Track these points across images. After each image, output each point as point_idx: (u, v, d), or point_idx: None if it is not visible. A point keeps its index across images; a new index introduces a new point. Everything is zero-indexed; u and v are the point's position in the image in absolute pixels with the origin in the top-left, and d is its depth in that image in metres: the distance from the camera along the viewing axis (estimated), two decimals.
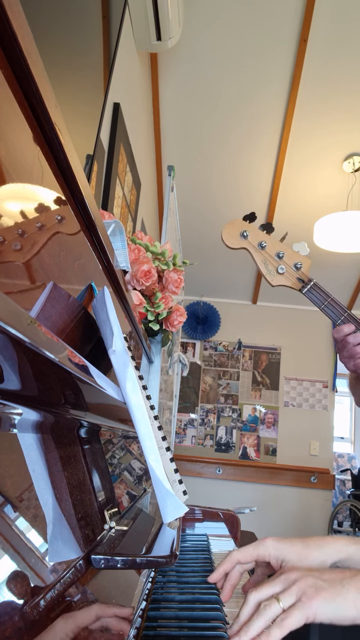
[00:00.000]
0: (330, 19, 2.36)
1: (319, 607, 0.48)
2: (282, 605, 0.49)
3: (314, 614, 0.48)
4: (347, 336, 1.08)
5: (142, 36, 2.10)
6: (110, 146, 1.84)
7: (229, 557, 0.62)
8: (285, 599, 0.49)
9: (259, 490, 4.18)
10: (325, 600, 0.48)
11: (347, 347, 1.09)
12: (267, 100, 2.77)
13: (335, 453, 4.88)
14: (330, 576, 0.51)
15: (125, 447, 0.79)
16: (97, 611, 0.38)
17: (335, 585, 0.50)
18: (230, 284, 4.42)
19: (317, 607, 0.48)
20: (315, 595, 0.48)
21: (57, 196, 0.44)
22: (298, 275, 1.13)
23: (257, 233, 1.14)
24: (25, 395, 0.35)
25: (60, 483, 0.39)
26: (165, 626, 0.58)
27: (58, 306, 0.45)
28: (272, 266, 1.13)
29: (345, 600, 0.48)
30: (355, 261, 3.86)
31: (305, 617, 0.47)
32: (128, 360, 0.54)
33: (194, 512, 1.24)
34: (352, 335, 1.08)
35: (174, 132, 3.00)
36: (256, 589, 0.52)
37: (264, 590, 0.52)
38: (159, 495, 0.50)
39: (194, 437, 4.42)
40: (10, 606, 0.26)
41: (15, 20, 0.30)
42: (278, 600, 0.49)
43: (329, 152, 3.02)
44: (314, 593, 0.49)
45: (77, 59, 1.32)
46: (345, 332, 1.09)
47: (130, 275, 1.17)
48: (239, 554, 0.61)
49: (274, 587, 0.51)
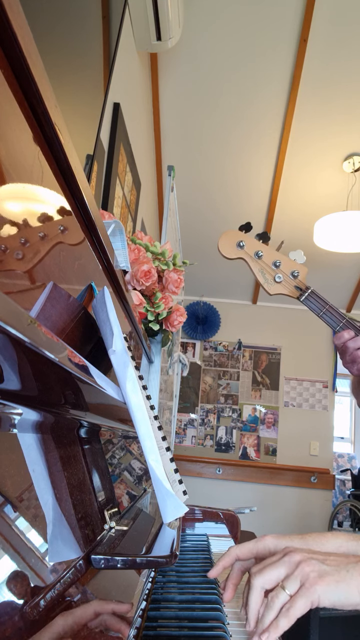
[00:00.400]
0: (330, 20, 2.36)
1: (322, 592, 0.48)
2: (288, 592, 0.49)
3: (317, 598, 0.48)
4: (347, 342, 1.09)
5: (142, 36, 2.10)
6: (110, 146, 1.84)
7: (228, 552, 0.62)
8: (290, 585, 0.50)
9: (259, 490, 4.18)
10: (329, 586, 0.48)
11: (348, 352, 1.09)
12: (267, 100, 2.77)
13: (335, 453, 4.88)
14: (335, 560, 0.51)
15: (125, 447, 0.79)
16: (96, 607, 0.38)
17: (340, 570, 0.50)
18: (230, 284, 4.42)
19: (321, 592, 0.48)
20: (318, 581, 0.49)
21: (57, 196, 0.44)
22: (295, 283, 1.14)
23: (253, 243, 1.15)
24: (25, 395, 0.35)
25: (60, 483, 0.39)
26: (165, 626, 0.58)
27: (58, 306, 0.45)
28: (270, 275, 1.14)
29: (348, 586, 0.49)
30: (355, 261, 3.86)
31: (310, 602, 0.48)
32: (128, 360, 0.54)
33: (194, 512, 1.24)
34: (352, 340, 1.09)
35: (174, 132, 3.00)
36: (260, 572, 0.53)
37: (268, 574, 0.52)
38: (159, 495, 0.50)
39: (194, 437, 4.42)
40: (10, 606, 0.26)
41: (15, 20, 0.30)
42: (284, 588, 0.50)
43: (329, 152, 3.02)
44: (317, 578, 0.49)
45: (77, 59, 1.32)
46: (345, 338, 1.10)
47: (130, 275, 1.17)
48: (238, 550, 0.61)
49: (278, 569, 0.52)
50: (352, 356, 1.09)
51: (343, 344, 1.10)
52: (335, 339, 1.12)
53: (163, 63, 2.62)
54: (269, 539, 0.61)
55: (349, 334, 1.10)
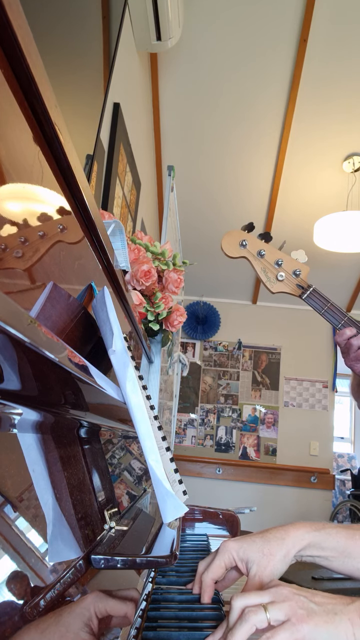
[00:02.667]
0: (330, 19, 2.36)
1: (308, 632, 0.45)
2: (268, 616, 0.46)
3: (302, 638, 0.45)
4: (350, 339, 1.10)
5: (142, 36, 2.10)
6: (110, 146, 1.84)
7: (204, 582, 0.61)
8: (273, 611, 0.46)
9: (258, 490, 4.18)
10: (317, 626, 0.45)
11: (352, 350, 1.10)
12: (267, 100, 2.77)
13: (335, 453, 4.87)
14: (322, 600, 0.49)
15: (125, 447, 0.79)
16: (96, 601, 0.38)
17: (329, 611, 0.47)
18: (230, 284, 4.42)
19: (307, 631, 0.45)
20: (306, 619, 0.45)
21: (57, 196, 0.44)
22: (297, 281, 1.15)
23: (255, 242, 1.16)
24: (25, 395, 0.35)
25: (60, 483, 0.39)
26: (165, 626, 0.58)
27: (58, 306, 0.45)
28: (272, 274, 1.15)
29: (336, 629, 0.46)
30: (355, 261, 3.86)
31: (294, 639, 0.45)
32: (128, 360, 0.54)
33: (193, 512, 1.24)
34: (355, 337, 1.09)
35: (174, 132, 3.00)
36: (243, 595, 0.49)
37: (251, 598, 0.49)
38: (159, 495, 0.50)
39: (194, 437, 4.42)
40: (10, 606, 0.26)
41: (15, 20, 0.30)
42: (265, 609, 0.46)
43: (329, 152, 3.02)
44: (305, 616, 0.46)
45: (77, 59, 1.32)
46: (347, 335, 1.10)
47: (130, 275, 1.17)
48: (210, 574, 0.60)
49: (262, 597, 0.49)
50: (356, 354, 1.10)
51: (346, 341, 1.10)
52: (337, 335, 1.12)
53: (163, 63, 2.62)
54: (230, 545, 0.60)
55: (352, 331, 1.10)
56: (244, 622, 0.46)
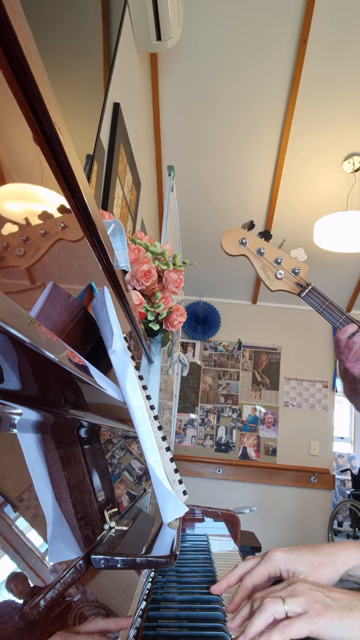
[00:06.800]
0: (330, 20, 2.36)
1: (324, 625, 0.47)
2: (286, 608, 0.48)
3: (318, 630, 0.47)
4: (352, 336, 1.08)
5: (142, 36, 2.10)
6: (110, 146, 1.84)
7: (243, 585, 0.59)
8: (291, 604, 0.48)
9: (259, 490, 4.18)
10: (333, 620, 0.47)
11: (353, 349, 1.07)
12: (267, 100, 2.77)
13: (335, 453, 4.88)
14: (338, 596, 0.50)
15: (125, 447, 0.79)
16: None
17: (344, 607, 0.49)
18: (230, 284, 4.42)
19: (323, 624, 0.47)
20: (323, 613, 0.47)
21: (57, 196, 0.44)
22: (296, 280, 1.15)
23: (255, 240, 1.16)
24: (25, 395, 0.35)
25: (60, 483, 0.39)
26: (165, 626, 0.58)
27: (58, 306, 0.45)
28: (271, 272, 1.15)
29: (351, 623, 0.47)
30: (355, 261, 3.86)
31: (310, 630, 0.47)
32: (128, 360, 0.54)
33: (193, 512, 1.24)
34: (357, 335, 1.08)
35: (174, 132, 3.00)
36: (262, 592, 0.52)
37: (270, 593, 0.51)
38: (159, 495, 0.50)
39: (194, 437, 4.42)
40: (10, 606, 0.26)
41: (15, 20, 0.30)
42: (284, 601, 0.48)
43: (329, 152, 3.03)
44: (322, 610, 0.48)
45: (77, 59, 1.32)
46: (350, 331, 1.08)
47: (130, 275, 1.17)
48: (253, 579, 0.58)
49: (280, 592, 0.51)
50: (357, 353, 1.07)
51: (347, 339, 1.08)
52: (340, 332, 1.10)
53: (163, 63, 2.62)
54: (278, 555, 0.59)
55: (353, 328, 1.08)
56: (262, 611, 0.48)
